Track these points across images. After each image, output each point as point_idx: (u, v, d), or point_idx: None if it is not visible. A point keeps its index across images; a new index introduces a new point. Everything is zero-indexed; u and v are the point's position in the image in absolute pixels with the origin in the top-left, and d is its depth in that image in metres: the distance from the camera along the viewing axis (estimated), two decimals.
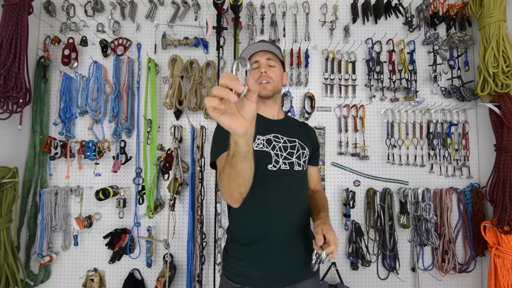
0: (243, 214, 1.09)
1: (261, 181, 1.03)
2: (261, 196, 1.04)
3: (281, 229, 1.05)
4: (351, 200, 1.83)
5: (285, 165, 1.08)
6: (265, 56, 1.15)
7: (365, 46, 1.95)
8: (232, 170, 0.76)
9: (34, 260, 1.79)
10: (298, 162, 1.11)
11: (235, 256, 1.08)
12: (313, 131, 1.30)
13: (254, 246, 1.04)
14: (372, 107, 1.93)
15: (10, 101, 1.62)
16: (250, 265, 1.04)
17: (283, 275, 1.04)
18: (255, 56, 1.17)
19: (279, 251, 1.04)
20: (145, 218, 1.86)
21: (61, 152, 1.83)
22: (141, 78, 1.91)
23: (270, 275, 1.03)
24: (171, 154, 1.81)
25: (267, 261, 1.03)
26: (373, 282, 1.86)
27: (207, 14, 1.96)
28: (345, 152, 1.89)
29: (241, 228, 1.10)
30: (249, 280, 1.03)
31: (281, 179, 1.07)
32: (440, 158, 1.87)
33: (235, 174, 0.77)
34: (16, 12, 1.61)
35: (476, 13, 1.77)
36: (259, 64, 1.15)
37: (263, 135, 1.10)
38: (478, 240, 1.77)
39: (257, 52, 1.16)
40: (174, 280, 1.82)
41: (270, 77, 1.14)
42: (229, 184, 0.81)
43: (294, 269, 1.06)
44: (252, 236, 1.06)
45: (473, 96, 1.84)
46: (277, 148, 1.08)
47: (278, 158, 1.07)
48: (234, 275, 1.06)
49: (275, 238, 1.04)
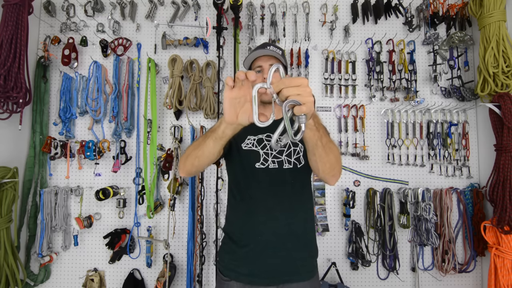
0: (233, 210, 1.14)
1: (249, 179, 1.08)
2: (249, 193, 1.08)
3: (268, 227, 1.04)
4: (351, 200, 1.83)
5: (274, 163, 1.08)
6: (268, 62, 1.15)
7: (365, 46, 1.95)
8: (200, 141, 0.89)
9: (34, 260, 1.79)
10: (288, 160, 1.10)
11: (226, 250, 1.12)
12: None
13: (242, 243, 1.06)
14: (372, 107, 1.93)
15: (10, 101, 1.62)
16: (238, 260, 1.06)
17: (269, 274, 1.03)
18: (258, 61, 1.17)
19: (266, 249, 1.04)
20: (145, 218, 1.86)
21: (61, 152, 1.83)
22: (141, 78, 1.91)
23: (256, 272, 1.04)
24: (171, 154, 1.81)
25: (254, 259, 1.04)
26: (373, 282, 1.86)
27: (207, 14, 1.96)
28: (345, 152, 1.89)
29: (231, 223, 1.14)
30: (236, 274, 1.06)
31: (270, 177, 1.07)
32: (440, 158, 1.87)
33: (198, 145, 0.90)
34: (16, 12, 1.61)
35: (476, 13, 1.76)
36: (262, 69, 1.15)
37: (255, 135, 1.11)
38: (478, 240, 1.77)
39: (260, 56, 1.16)
40: (174, 280, 1.82)
41: (273, 82, 1.13)
42: (189, 153, 0.94)
43: (281, 269, 1.04)
44: (240, 232, 1.08)
45: (473, 96, 1.84)
46: (267, 147, 1.10)
47: (267, 156, 1.08)
48: (223, 267, 1.10)
49: (262, 235, 1.04)
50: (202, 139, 0.89)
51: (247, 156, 1.09)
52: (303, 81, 0.59)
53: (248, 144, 1.10)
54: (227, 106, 0.67)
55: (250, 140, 1.11)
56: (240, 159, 1.11)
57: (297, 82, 0.59)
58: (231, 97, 0.66)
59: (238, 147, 1.11)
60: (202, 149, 0.88)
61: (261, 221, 1.05)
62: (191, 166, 0.96)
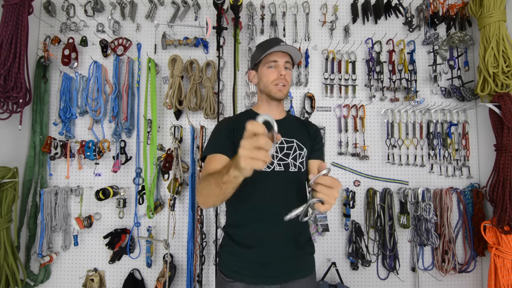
0: (237, 213, 1.12)
1: (254, 182, 1.05)
2: (254, 196, 1.07)
3: (274, 229, 1.05)
4: (351, 200, 1.83)
5: (280, 166, 1.08)
6: (284, 59, 1.14)
7: (365, 46, 1.95)
8: (218, 189, 0.83)
9: (34, 260, 1.79)
10: (294, 163, 1.10)
11: (228, 251, 1.11)
12: (313, 126, 1.27)
13: (246, 245, 1.06)
14: (372, 107, 1.93)
15: (10, 101, 1.62)
16: (242, 262, 1.06)
17: (273, 273, 1.04)
18: (274, 55, 1.14)
19: (270, 250, 1.04)
20: (145, 218, 1.86)
21: (61, 152, 1.83)
22: (141, 78, 1.91)
23: (260, 272, 1.04)
24: (171, 154, 1.81)
25: (258, 260, 1.04)
26: (373, 282, 1.86)
27: (207, 14, 1.96)
28: (345, 152, 1.89)
29: (234, 225, 1.13)
30: (240, 276, 1.05)
31: (275, 180, 1.07)
32: (440, 158, 1.87)
33: (219, 193, 0.84)
34: (16, 12, 1.61)
35: (476, 13, 1.76)
36: (277, 65, 1.14)
37: None
38: (478, 240, 1.77)
39: (277, 51, 1.14)
40: (174, 280, 1.82)
41: (287, 81, 1.13)
42: (208, 195, 0.89)
43: (285, 268, 1.06)
44: (244, 235, 1.08)
45: (473, 96, 1.84)
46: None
47: (273, 159, 1.08)
48: (226, 269, 1.09)
49: (267, 238, 1.05)
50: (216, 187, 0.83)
51: None
52: (337, 185, 0.71)
53: None
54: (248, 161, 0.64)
55: None
56: None
57: (332, 183, 0.71)
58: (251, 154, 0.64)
59: None
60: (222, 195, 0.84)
61: (265, 224, 1.05)
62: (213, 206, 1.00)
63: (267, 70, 1.15)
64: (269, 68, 1.14)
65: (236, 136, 1.10)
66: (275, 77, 1.12)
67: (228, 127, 1.12)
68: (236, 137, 1.10)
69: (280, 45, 1.12)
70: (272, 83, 1.13)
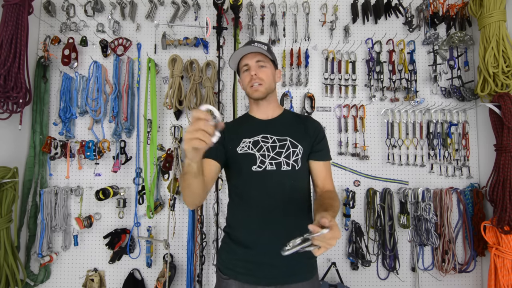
0: (233, 212, 1.15)
1: (246, 183, 1.08)
2: (247, 197, 1.09)
3: (268, 229, 1.05)
4: (351, 200, 1.83)
5: (272, 165, 1.07)
6: (254, 59, 1.13)
7: (365, 46, 1.95)
8: (185, 184, 0.92)
9: (34, 260, 1.79)
10: (286, 162, 1.08)
11: (225, 249, 1.13)
12: (313, 122, 1.21)
13: (242, 244, 1.07)
14: (372, 107, 1.93)
15: (10, 101, 1.62)
16: (237, 260, 1.07)
17: (268, 275, 1.04)
18: (244, 59, 1.15)
19: (265, 250, 1.03)
20: (145, 218, 1.86)
21: (61, 152, 1.83)
22: (141, 78, 1.91)
23: (254, 272, 1.04)
24: (171, 154, 1.82)
25: (252, 259, 1.05)
26: (373, 282, 1.86)
27: (207, 14, 1.96)
28: (345, 152, 1.89)
29: (231, 225, 1.14)
30: (234, 273, 1.06)
31: (267, 180, 1.06)
32: (440, 158, 1.87)
33: (186, 186, 0.92)
34: (16, 12, 1.61)
35: (476, 13, 1.76)
36: (249, 67, 1.14)
37: (250, 137, 1.11)
38: (478, 240, 1.77)
39: (246, 54, 1.15)
40: (174, 280, 1.82)
41: (261, 79, 1.13)
42: (184, 192, 0.97)
43: (280, 270, 1.04)
44: (239, 234, 1.09)
45: (473, 96, 1.84)
46: (264, 149, 1.09)
47: (264, 158, 1.08)
48: (222, 266, 1.11)
49: (261, 237, 1.05)
50: (183, 182, 0.93)
51: (244, 160, 1.09)
52: (337, 236, 0.76)
53: (243, 148, 1.10)
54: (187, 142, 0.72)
55: (246, 143, 1.10)
56: (236, 164, 1.11)
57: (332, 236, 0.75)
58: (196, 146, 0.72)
59: (234, 152, 1.10)
60: (189, 188, 0.93)
61: (259, 224, 1.06)
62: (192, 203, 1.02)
63: (242, 75, 1.18)
64: (244, 72, 1.17)
65: (228, 140, 1.13)
66: (248, 80, 1.15)
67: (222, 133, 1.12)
68: (227, 141, 1.13)
69: (250, 46, 1.13)
70: (248, 85, 1.15)
